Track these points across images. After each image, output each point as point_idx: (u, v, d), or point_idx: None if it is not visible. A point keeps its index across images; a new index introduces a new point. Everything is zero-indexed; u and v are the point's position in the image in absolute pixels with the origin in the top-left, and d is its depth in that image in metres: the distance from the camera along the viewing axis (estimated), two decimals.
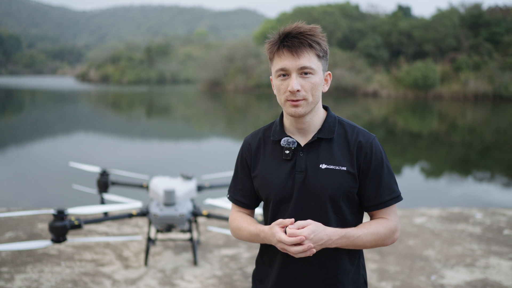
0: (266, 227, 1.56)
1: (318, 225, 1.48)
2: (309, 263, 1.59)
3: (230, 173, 5.23)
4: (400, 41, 44.76)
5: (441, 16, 45.15)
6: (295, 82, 1.50)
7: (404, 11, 52.37)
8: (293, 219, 1.50)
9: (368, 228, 1.56)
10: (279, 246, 1.49)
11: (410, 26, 45.44)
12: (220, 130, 21.51)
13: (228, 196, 1.78)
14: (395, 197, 1.61)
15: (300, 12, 51.33)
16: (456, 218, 6.03)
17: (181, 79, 70.01)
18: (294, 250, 1.45)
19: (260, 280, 1.72)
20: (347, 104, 33.83)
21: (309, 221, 1.48)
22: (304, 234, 1.44)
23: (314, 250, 1.46)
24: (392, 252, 4.70)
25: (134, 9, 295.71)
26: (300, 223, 1.47)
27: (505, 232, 5.43)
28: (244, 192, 1.72)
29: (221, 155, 13.39)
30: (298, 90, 1.51)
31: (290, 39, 1.51)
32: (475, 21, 43.84)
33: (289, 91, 1.52)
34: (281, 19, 51.73)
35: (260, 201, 1.77)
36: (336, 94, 40.23)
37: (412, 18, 51.84)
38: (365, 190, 1.59)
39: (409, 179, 10.74)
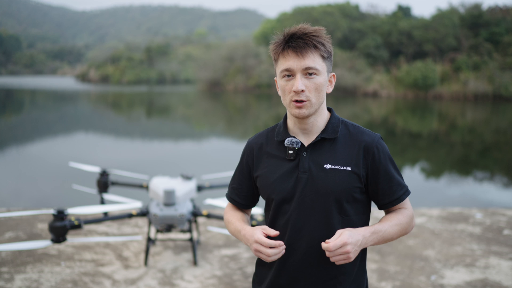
0: (249, 227, 1.61)
1: (350, 229, 1.50)
2: (308, 265, 1.58)
3: (230, 173, 5.23)
4: (400, 41, 44.76)
5: (441, 16, 45.14)
6: (299, 82, 1.52)
7: (404, 11, 52.36)
8: (277, 232, 1.54)
9: (391, 221, 1.59)
10: (253, 247, 1.52)
11: (410, 26, 45.43)
12: (220, 130, 21.50)
13: (226, 194, 1.83)
14: (406, 191, 1.64)
15: (300, 12, 51.29)
16: (456, 218, 6.03)
17: (181, 79, 69.96)
18: (271, 252, 1.48)
19: (259, 283, 1.72)
20: (347, 104, 33.82)
21: (339, 231, 1.49)
22: (345, 240, 1.45)
23: (352, 255, 1.47)
24: (392, 252, 4.70)
25: (134, 9, 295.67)
26: (334, 237, 1.47)
27: (505, 232, 5.43)
28: (238, 191, 1.75)
29: (221, 155, 13.39)
30: (302, 91, 1.52)
31: (295, 40, 1.53)
32: (475, 21, 43.82)
33: (294, 91, 1.53)
34: (281, 19, 51.72)
35: (256, 202, 1.80)
36: (336, 94, 40.21)
37: (412, 18, 51.84)
38: (378, 190, 1.61)
39: (409, 179, 10.74)
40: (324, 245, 1.47)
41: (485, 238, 5.19)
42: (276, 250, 1.49)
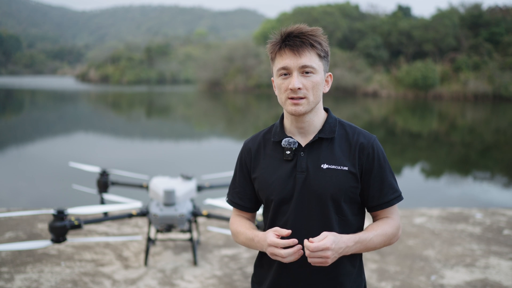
0: (261, 232, 1.58)
1: (335, 234, 1.48)
2: (308, 265, 1.57)
3: (230, 173, 5.23)
4: (400, 41, 44.75)
5: (441, 16, 45.14)
6: (296, 80, 1.52)
7: (404, 11, 52.35)
8: (289, 231, 1.50)
9: (376, 230, 1.58)
10: (269, 251, 1.50)
11: (410, 26, 45.43)
12: (220, 130, 21.50)
13: (227, 199, 1.79)
14: (398, 196, 1.63)
15: (300, 12, 51.28)
16: (456, 218, 6.04)
17: (181, 79, 69.96)
18: (285, 253, 1.46)
19: (258, 283, 1.71)
20: (347, 104, 33.82)
21: (324, 233, 1.47)
22: (328, 245, 1.43)
23: (330, 261, 1.45)
24: (392, 252, 4.70)
25: (134, 9, 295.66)
26: (318, 238, 1.45)
27: (505, 232, 5.43)
28: (241, 195, 1.73)
29: (221, 155, 13.39)
30: (299, 88, 1.52)
31: (292, 39, 1.53)
32: (475, 21, 43.84)
33: (290, 89, 1.53)
34: (281, 19, 51.73)
35: (260, 205, 1.77)
36: (336, 94, 40.22)
37: (412, 18, 51.82)
38: (369, 191, 1.60)
39: (409, 179, 10.74)
40: (306, 243, 1.44)
41: (485, 238, 5.19)
42: (290, 250, 1.47)
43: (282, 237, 1.52)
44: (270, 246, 1.48)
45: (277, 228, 1.51)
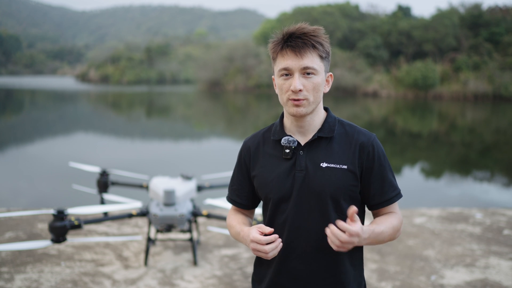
0: (247, 227, 1.61)
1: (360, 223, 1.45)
2: (309, 263, 1.58)
3: (230, 173, 5.22)
4: (400, 41, 44.76)
5: (441, 16, 45.15)
6: (297, 82, 1.52)
7: (404, 11, 52.38)
8: (272, 229, 1.51)
9: (385, 223, 1.57)
10: (251, 246, 1.51)
11: (410, 26, 45.44)
12: (220, 130, 21.51)
13: (226, 196, 1.82)
14: (398, 194, 1.63)
15: (300, 12, 51.30)
16: (456, 218, 6.04)
17: (181, 79, 69.96)
18: (268, 248, 1.47)
19: (259, 282, 1.72)
20: (347, 104, 33.82)
21: (356, 217, 1.43)
22: (357, 230, 1.39)
23: (349, 248, 1.42)
24: (392, 252, 4.70)
25: (134, 9, 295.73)
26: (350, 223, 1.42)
27: (505, 232, 5.43)
28: (239, 192, 1.75)
29: (221, 155, 13.38)
30: (300, 90, 1.52)
31: (294, 39, 1.53)
32: (475, 21, 43.85)
33: (292, 91, 1.53)
34: (281, 19, 51.76)
35: (258, 202, 1.79)
36: (336, 94, 40.22)
37: (412, 18, 51.85)
38: (370, 189, 1.60)
39: (409, 179, 10.74)
40: (343, 225, 1.39)
41: (485, 238, 5.19)
42: (273, 244, 1.48)
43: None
44: (253, 242, 1.50)
45: (261, 225, 1.53)
